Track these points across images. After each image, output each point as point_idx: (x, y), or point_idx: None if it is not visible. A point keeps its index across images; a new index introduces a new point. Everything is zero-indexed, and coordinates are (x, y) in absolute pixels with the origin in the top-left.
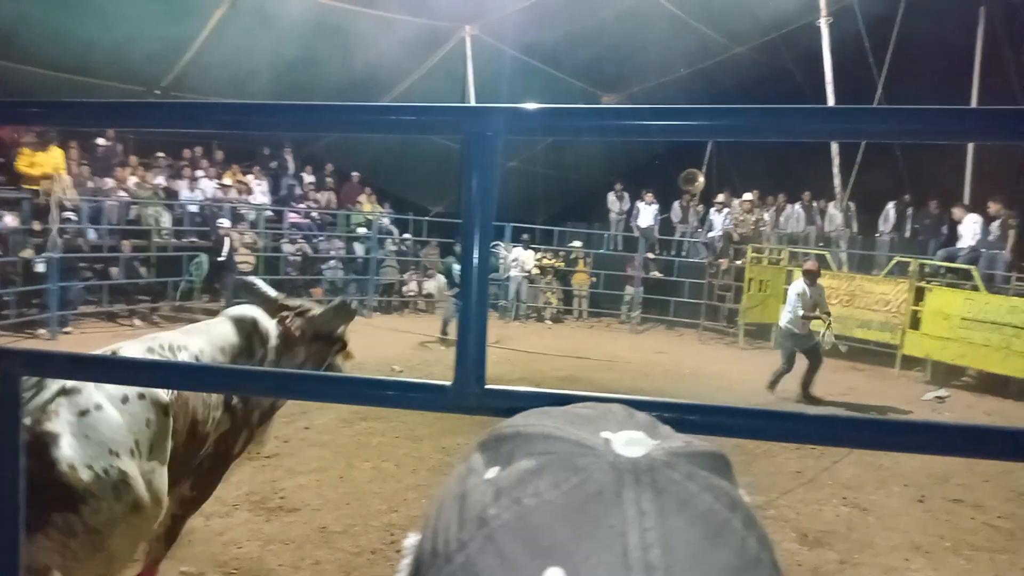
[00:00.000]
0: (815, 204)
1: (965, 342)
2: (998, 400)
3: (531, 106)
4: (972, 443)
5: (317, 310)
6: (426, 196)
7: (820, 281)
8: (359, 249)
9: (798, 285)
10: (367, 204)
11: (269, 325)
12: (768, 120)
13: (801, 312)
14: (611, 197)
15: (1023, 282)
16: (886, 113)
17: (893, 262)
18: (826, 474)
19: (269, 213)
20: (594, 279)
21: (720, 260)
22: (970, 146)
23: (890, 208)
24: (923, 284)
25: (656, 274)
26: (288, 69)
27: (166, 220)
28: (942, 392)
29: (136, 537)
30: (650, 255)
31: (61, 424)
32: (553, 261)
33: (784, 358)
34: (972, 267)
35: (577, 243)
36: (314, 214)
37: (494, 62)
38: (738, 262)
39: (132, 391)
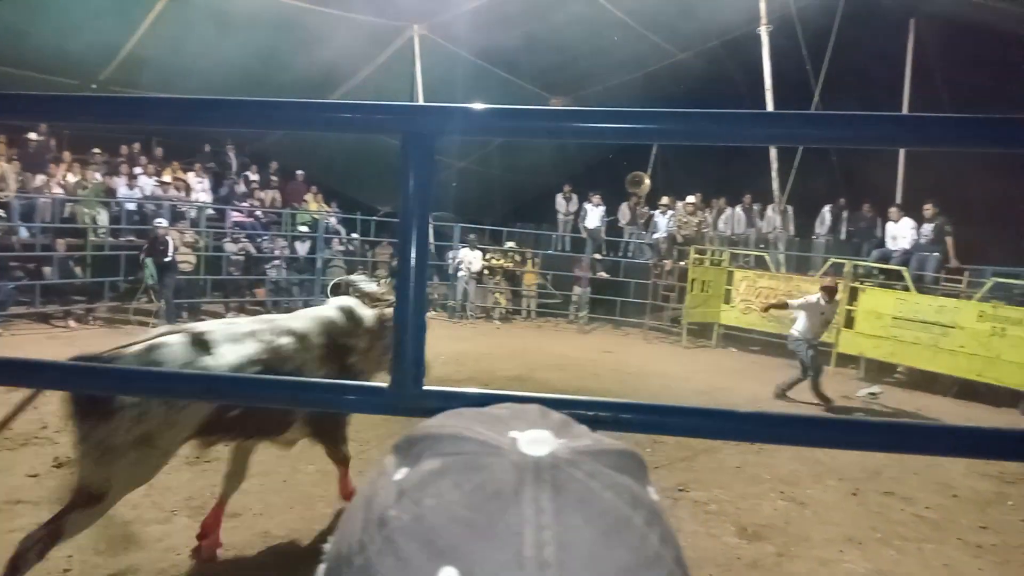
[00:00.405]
0: (755, 207)
1: (896, 340)
2: (927, 396)
3: (467, 106)
4: (896, 439)
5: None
6: (375, 195)
7: (761, 282)
8: (303, 248)
9: (813, 298)
10: (313, 203)
11: (366, 313)
12: (699, 124)
13: (801, 329)
14: (559, 199)
15: (951, 283)
16: (820, 119)
17: (828, 263)
18: (765, 469)
19: (211, 211)
20: (541, 279)
21: (664, 261)
22: (901, 151)
23: (826, 211)
24: (857, 285)
25: (603, 275)
26: (232, 65)
27: (103, 218)
28: (875, 388)
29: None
30: (597, 256)
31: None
32: (502, 262)
33: (802, 366)
34: (903, 268)
35: (511, 244)
36: (258, 213)
37: (443, 62)
38: (682, 263)
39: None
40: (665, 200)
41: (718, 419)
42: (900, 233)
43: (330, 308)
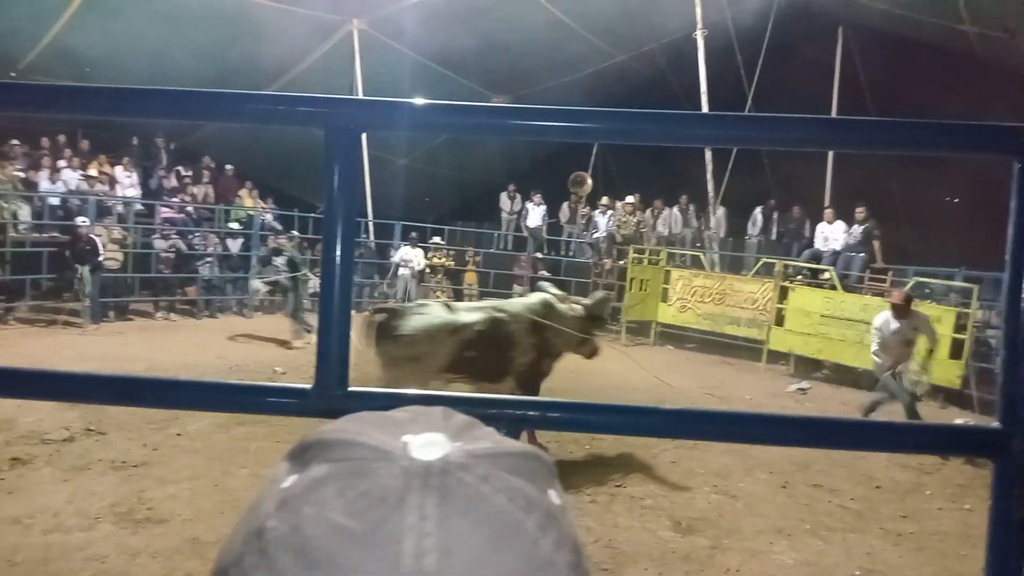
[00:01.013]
0: (691, 207)
1: (824, 337)
2: (852, 391)
3: (394, 100)
4: (818, 434)
5: (590, 300)
6: (314, 192)
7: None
8: (235, 246)
9: (880, 318)
10: (248, 199)
11: (562, 307)
12: (632, 123)
13: (876, 347)
14: (503, 197)
15: (875, 282)
16: (750, 120)
17: (760, 263)
18: (699, 464)
19: (140, 207)
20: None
21: (604, 260)
22: (829, 154)
23: (757, 212)
24: (787, 284)
25: (544, 273)
26: (162, 56)
27: (24, 213)
28: (804, 384)
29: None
30: (538, 255)
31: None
32: (443, 260)
33: (889, 393)
34: (830, 268)
35: (437, 239)
36: (189, 209)
37: (384, 59)
38: (621, 262)
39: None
40: (605, 200)
41: (644, 416)
42: (832, 235)
43: (534, 298)
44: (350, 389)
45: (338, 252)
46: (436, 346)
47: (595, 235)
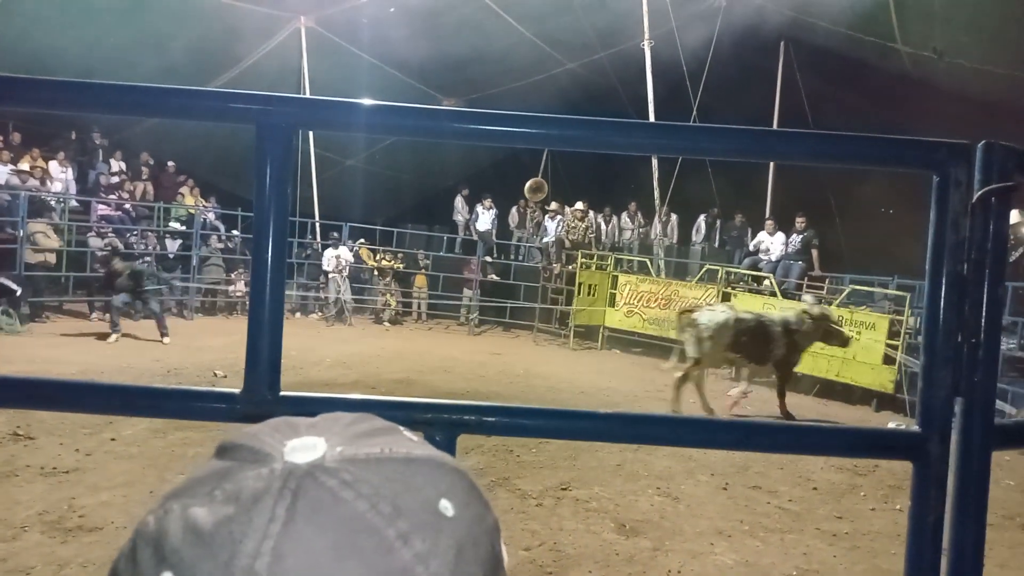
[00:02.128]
0: (639, 214)
1: None
2: (792, 395)
3: (330, 99)
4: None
5: (817, 311)
6: None
7: (642, 286)
8: (176, 245)
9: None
10: (189, 197)
11: (814, 314)
12: (576, 131)
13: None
14: (458, 201)
15: (813, 290)
16: (688, 130)
17: (704, 270)
18: (643, 466)
19: (75, 203)
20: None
21: (553, 265)
22: (770, 165)
23: (701, 220)
24: (729, 290)
25: (494, 277)
26: (101, 46)
27: None
28: (745, 388)
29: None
30: (488, 259)
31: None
32: (392, 263)
33: None
34: (770, 275)
35: (361, 240)
36: (127, 206)
37: (333, 58)
38: (570, 267)
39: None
40: (554, 205)
41: (580, 420)
42: (772, 245)
43: (798, 307)
44: (282, 394)
45: (269, 254)
46: (722, 332)
47: (544, 240)
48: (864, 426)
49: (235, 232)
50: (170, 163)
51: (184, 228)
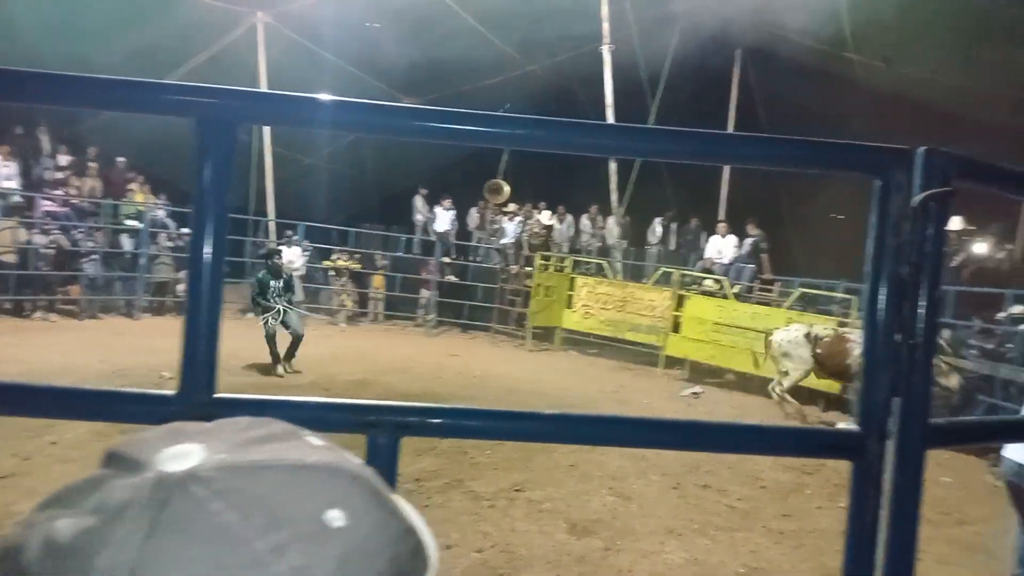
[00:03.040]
0: (598, 217)
1: (716, 344)
2: (744, 395)
3: (277, 93)
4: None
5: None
6: None
7: (599, 288)
8: (127, 243)
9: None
10: (139, 193)
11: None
12: (533, 131)
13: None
14: (418, 201)
15: (764, 292)
16: (643, 132)
17: (659, 272)
18: (596, 466)
19: (18, 199)
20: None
21: (511, 266)
22: (725, 170)
23: (656, 223)
24: (683, 292)
25: (451, 278)
26: (49, 40)
27: None
28: (697, 388)
29: None
30: (446, 259)
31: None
32: (348, 263)
33: None
34: (724, 278)
35: (302, 240)
36: (74, 202)
37: (290, 54)
38: (527, 269)
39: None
40: (513, 207)
41: (526, 421)
42: (724, 248)
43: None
44: (217, 396)
45: (207, 252)
46: (798, 349)
47: (502, 241)
48: (806, 426)
49: (185, 230)
50: (119, 159)
51: (136, 224)
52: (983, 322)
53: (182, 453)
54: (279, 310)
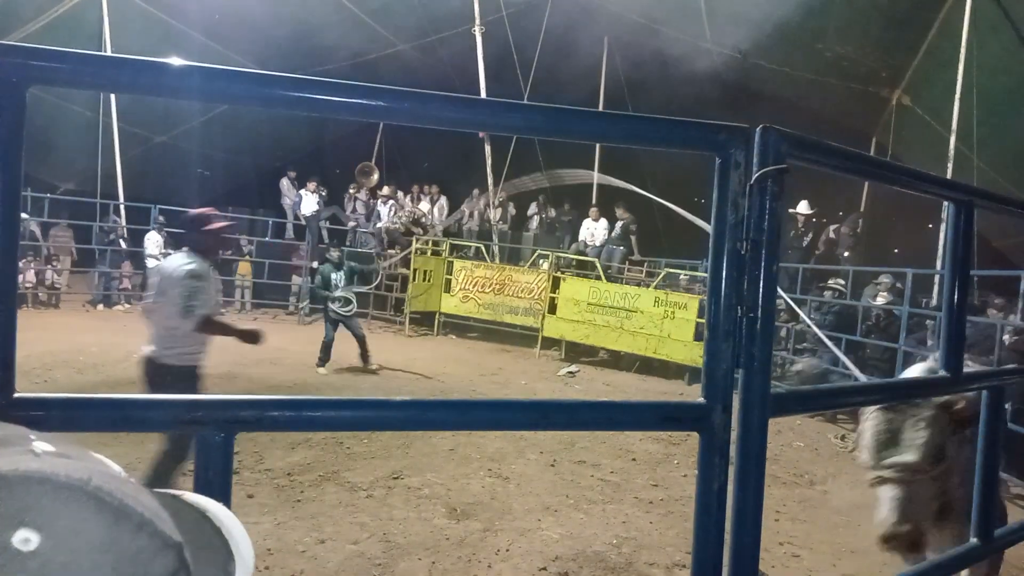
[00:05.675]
0: (480, 200)
1: (590, 324)
2: (615, 372)
3: (77, 52)
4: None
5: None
6: (53, 171)
7: (477, 272)
8: None
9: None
10: None
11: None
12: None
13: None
14: (284, 183)
15: (633, 273)
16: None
17: (536, 255)
18: (475, 449)
19: None
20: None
21: (387, 251)
22: (596, 156)
23: (533, 206)
24: (558, 274)
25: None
26: None
27: None
28: (573, 368)
29: None
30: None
31: None
32: None
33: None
34: (596, 260)
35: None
36: None
37: (140, 24)
38: (404, 252)
39: None
40: (387, 190)
41: (372, 409)
42: (596, 231)
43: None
44: (17, 395)
45: None
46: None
47: (378, 225)
48: (654, 400)
49: (24, 215)
50: None
51: None
52: (817, 297)
53: None
54: (346, 299)
